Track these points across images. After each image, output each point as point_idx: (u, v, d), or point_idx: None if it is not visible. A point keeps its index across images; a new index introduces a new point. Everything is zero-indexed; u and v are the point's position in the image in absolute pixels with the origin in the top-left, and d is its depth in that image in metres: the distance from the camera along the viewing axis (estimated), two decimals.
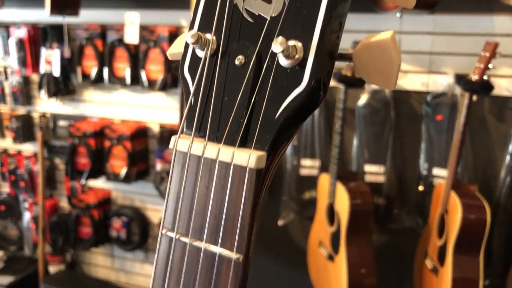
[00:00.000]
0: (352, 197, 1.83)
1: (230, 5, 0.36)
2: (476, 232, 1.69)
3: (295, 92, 0.34)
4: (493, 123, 1.95)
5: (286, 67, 0.35)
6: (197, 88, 0.37)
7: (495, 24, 1.86)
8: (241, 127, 0.35)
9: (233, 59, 0.36)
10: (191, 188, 0.36)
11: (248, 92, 0.35)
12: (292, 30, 0.34)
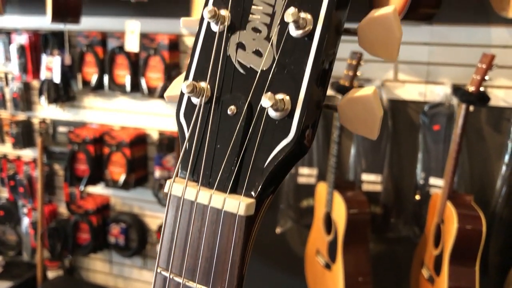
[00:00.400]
0: (349, 206, 1.85)
1: (223, 56, 0.38)
2: (472, 242, 1.70)
3: (283, 143, 0.36)
4: (490, 133, 1.96)
5: (275, 118, 0.37)
6: (191, 134, 0.39)
7: (491, 36, 1.88)
8: (232, 174, 0.37)
9: (226, 108, 0.39)
10: (184, 231, 0.38)
11: (239, 141, 0.38)
12: (281, 84, 0.37)
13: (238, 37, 0.39)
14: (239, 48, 0.39)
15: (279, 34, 0.37)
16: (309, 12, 0.36)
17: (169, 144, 2.36)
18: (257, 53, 0.38)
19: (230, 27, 0.40)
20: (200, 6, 1.84)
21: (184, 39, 2.31)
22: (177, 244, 0.38)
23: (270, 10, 0.38)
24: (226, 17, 0.40)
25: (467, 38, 1.90)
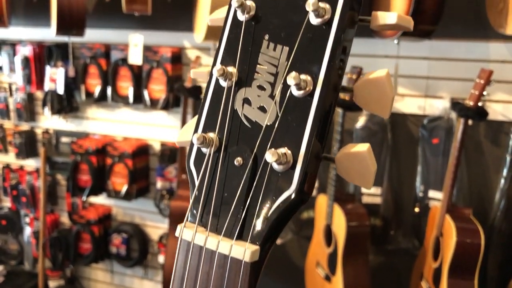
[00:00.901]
0: (349, 219, 1.86)
1: (231, 110, 0.41)
2: (470, 256, 1.71)
3: (286, 194, 0.39)
4: (488, 147, 1.98)
5: (278, 171, 0.40)
6: (201, 182, 0.41)
7: (490, 51, 1.91)
8: (239, 222, 0.40)
9: (233, 159, 0.41)
10: (193, 273, 0.40)
11: (245, 190, 0.40)
12: (284, 139, 0.40)
13: (244, 93, 0.42)
14: (245, 103, 0.41)
15: (282, 93, 0.40)
16: (309, 75, 0.40)
17: (171, 155, 2.38)
18: (261, 109, 0.41)
19: (237, 83, 0.42)
20: (202, 23, 1.87)
21: (187, 51, 2.33)
22: (187, 285, 0.40)
23: (274, 70, 0.41)
24: (234, 73, 0.42)
25: (466, 53, 1.93)
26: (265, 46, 0.42)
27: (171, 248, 2.09)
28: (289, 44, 0.41)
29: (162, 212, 2.45)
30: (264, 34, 0.42)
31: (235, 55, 0.43)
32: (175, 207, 2.09)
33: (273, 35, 0.41)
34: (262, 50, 0.42)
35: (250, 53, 0.42)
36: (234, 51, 0.43)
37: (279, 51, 0.41)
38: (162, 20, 2.28)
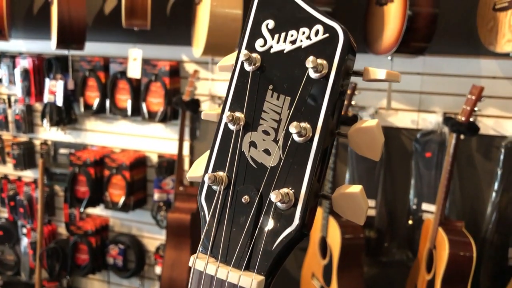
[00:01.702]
0: (344, 231, 1.89)
1: (239, 151, 0.45)
2: (463, 267, 1.74)
3: (288, 230, 0.44)
4: (480, 161, 2.03)
5: (281, 209, 0.44)
6: (211, 217, 0.45)
7: (481, 67, 1.96)
8: (246, 254, 0.44)
9: (241, 197, 0.46)
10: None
11: (252, 226, 0.45)
12: (286, 180, 0.44)
13: (251, 137, 0.46)
14: (252, 146, 0.45)
15: (284, 138, 0.44)
16: (309, 123, 0.45)
17: (168, 167, 2.41)
18: (266, 152, 0.46)
19: (244, 127, 0.47)
20: (201, 38, 1.90)
21: (185, 65, 2.37)
22: None
23: (277, 117, 0.45)
24: (241, 118, 0.47)
25: (458, 69, 1.98)
26: (269, 95, 0.46)
27: (168, 259, 2.12)
28: (290, 95, 0.46)
29: (159, 224, 2.47)
30: (268, 85, 0.47)
31: (243, 102, 0.47)
32: (173, 219, 2.12)
33: (277, 86, 0.46)
34: (266, 99, 0.46)
35: (256, 100, 0.47)
36: (241, 98, 0.48)
37: (282, 100, 0.46)
38: (160, 35, 2.32)
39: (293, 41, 0.46)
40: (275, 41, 0.47)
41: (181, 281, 2.07)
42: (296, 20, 0.46)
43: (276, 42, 0.47)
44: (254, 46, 0.48)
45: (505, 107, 1.94)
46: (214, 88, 2.30)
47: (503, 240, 1.97)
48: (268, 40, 0.47)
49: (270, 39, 0.47)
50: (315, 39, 0.45)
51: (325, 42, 0.45)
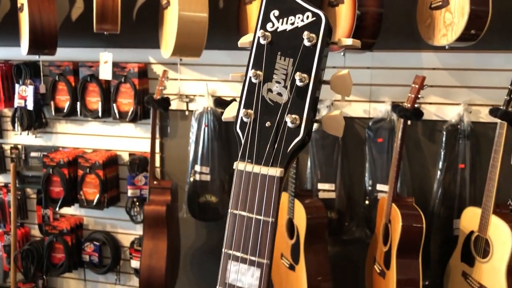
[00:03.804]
0: (308, 212, 2.08)
1: (260, 96, 0.65)
2: (415, 237, 1.97)
3: (297, 139, 0.66)
4: (426, 143, 2.27)
5: (291, 127, 0.67)
6: (246, 139, 0.65)
7: (422, 60, 2.20)
8: (270, 156, 0.66)
9: (264, 123, 0.68)
10: (246, 187, 0.66)
11: (273, 140, 0.67)
12: (294, 110, 0.66)
13: (268, 86, 0.67)
14: (269, 91, 0.66)
15: (291, 85, 0.64)
16: (306, 73, 0.66)
17: (140, 164, 2.53)
18: (279, 94, 0.66)
19: (263, 79, 0.66)
20: (169, 40, 2.04)
21: (152, 66, 2.51)
22: (242, 195, 0.65)
23: (285, 72, 0.67)
24: (260, 74, 0.68)
25: (403, 62, 2.21)
26: (279, 58, 0.68)
27: (146, 249, 2.24)
28: (293, 57, 0.67)
29: (133, 219, 2.59)
30: (277, 51, 0.68)
31: (261, 64, 0.69)
32: (149, 210, 2.24)
33: (283, 52, 0.68)
34: (277, 61, 0.68)
35: (270, 62, 0.68)
36: (259, 62, 0.69)
37: (287, 61, 0.68)
38: (127, 38, 2.44)
39: (292, 23, 0.68)
40: (280, 24, 0.69)
41: (160, 269, 2.20)
42: (293, 9, 0.68)
43: (281, 24, 0.69)
44: (266, 27, 0.69)
45: (444, 95, 2.19)
46: (183, 87, 2.45)
47: (448, 213, 2.21)
48: (275, 23, 0.69)
49: (276, 23, 0.69)
50: (306, 21, 0.67)
51: (313, 23, 0.67)
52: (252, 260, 0.66)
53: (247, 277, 0.65)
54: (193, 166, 2.44)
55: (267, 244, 0.66)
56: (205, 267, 2.66)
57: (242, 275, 0.65)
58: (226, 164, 2.46)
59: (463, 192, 2.19)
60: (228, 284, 0.67)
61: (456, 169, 2.18)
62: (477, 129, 2.16)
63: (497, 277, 1.83)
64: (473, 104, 2.16)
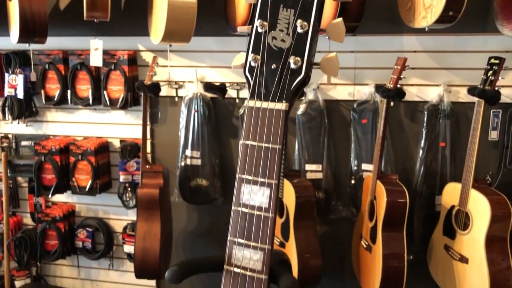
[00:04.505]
0: (297, 191, 2.16)
1: (266, 43, 0.73)
2: (399, 211, 2.06)
3: (299, 78, 0.75)
4: (408, 124, 2.36)
5: (294, 68, 0.75)
6: (254, 80, 0.74)
7: (404, 43, 2.28)
8: (276, 94, 0.75)
9: (270, 66, 0.76)
10: (256, 121, 0.75)
11: (279, 79, 0.75)
12: (296, 53, 0.74)
13: (272, 34, 0.75)
14: (273, 39, 0.75)
15: (293, 31, 0.72)
16: (306, 21, 0.75)
17: (131, 151, 2.58)
18: (282, 41, 0.74)
19: (268, 29, 0.75)
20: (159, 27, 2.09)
21: (142, 54, 2.56)
22: (252, 128, 0.75)
23: (287, 21, 0.76)
24: (266, 24, 0.77)
25: (385, 46, 2.30)
26: (281, 10, 0.77)
27: (140, 231, 2.30)
28: (294, 8, 0.75)
29: (125, 204, 2.64)
30: (280, 4, 0.77)
31: (266, 15, 0.77)
32: (142, 194, 2.30)
33: (285, 4, 0.76)
34: (280, 12, 0.77)
35: (274, 13, 0.77)
36: (265, 13, 0.78)
37: (289, 11, 0.76)
38: (117, 27, 2.48)
39: None
40: None
41: (154, 250, 2.26)
42: None
43: None
44: None
45: (425, 76, 2.28)
46: (172, 74, 2.51)
47: (431, 190, 2.31)
48: None
49: None
50: None
51: None
52: (262, 181, 0.74)
53: (259, 196, 0.73)
54: (183, 151, 2.50)
55: (275, 167, 0.74)
56: (197, 250, 2.73)
57: (254, 195, 0.73)
58: (216, 148, 2.52)
59: (444, 170, 2.29)
60: (243, 203, 0.75)
61: (437, 147, 2.28)
62: (457, 109, 2.26)
63: (477, 247, 1.93)
64: (452, 85, 2.25)
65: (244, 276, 0.72)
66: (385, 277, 2.05)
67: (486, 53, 2.04)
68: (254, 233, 0.71)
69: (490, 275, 1.88)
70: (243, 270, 0.72)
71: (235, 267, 0.73)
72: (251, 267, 0.72)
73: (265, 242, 0.72)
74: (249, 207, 0.74)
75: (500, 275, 1.91)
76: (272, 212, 0.71)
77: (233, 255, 0.73)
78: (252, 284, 0.71)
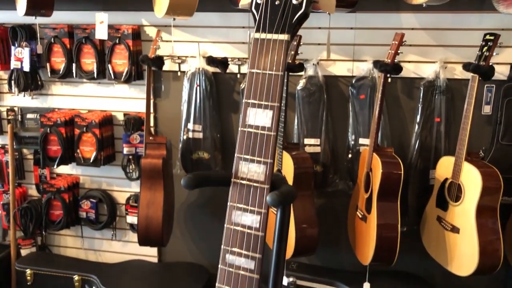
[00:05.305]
0: (296, 162, 2.23)
1: None
2: (394, 182, 2.13)
3: (299, 13, 0.81)
4: (404, 100, 2.43)
5: (295, 4, 0.82)
6: (260, 14, 0.80)
7: (402, 20, 2.34)
8: (280, 26, 0.82)
9: (274, 2, 0.83)
10: (261, 51, 0.82)
11: (282, 13, 0.82)
12: None
13: None
14: None
15: None
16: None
17: (134, 124, 2.65)
18: None
19: None
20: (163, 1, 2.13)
21: (145, 29, 2.61)
22: (258, 56, 0.81)
23: None
24: None
25: (384, 23, 2.35)
26: None
27: (144, 199, 2.37)
28: None
29: (128, 176, 2.71)
30: None
31: None
32: (146, 163, 2.37)
33: None
34: None
35: None
36: None
37: None
38: (121, 1, 2.53)
39: None
40: None
41: (157, 218, 2.34)
42: None
43: None
44: None
45: (422, 53, 2.34)
46: (175, 49, 2.56)
47: (425, 164, 2.38)
48: None
49: None
50: None
51: None
52: (266, 104, 0.82)
53: (262, 118, 0.80)
54: (186, 125, 2.56)
55: (277, 92, 0.82)
56: (199, 221, 2.81)
57: (259, 117, 0.80)
58: (218, 122, 2.59)
59: (438, 145, 2.36)
60: (248, 125, 0.83)
61: (432, 122, 2.34)
62: (452, 85, 2.32)
63: (468, 217, 2.01)
64: (448, 62, 2.31)
65: (249, 186, 0.80)
66: (379, 245, 2.13)
67: (482, 31, 2.09)
68: (258, 149, 0.79)
69: (480, 244, 1.96)
70: (248, 182, 0.80)
71: (241, 180, 0.81)
72: (255, 178, 0.80)
73: (267, 156, 0.80)
74: (254, 127, 0.82)
75: (489, 244, 1.99)
76: (274, 131, 0.79)
77: (239, 169, 0.81)
78: (256, 192, 0.79)
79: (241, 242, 0.83)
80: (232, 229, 0.84)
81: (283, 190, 0.77)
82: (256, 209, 0.81)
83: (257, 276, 0.81)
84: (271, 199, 0.76)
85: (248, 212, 0.81)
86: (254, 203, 0.81)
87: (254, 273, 0.82)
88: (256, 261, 0.81)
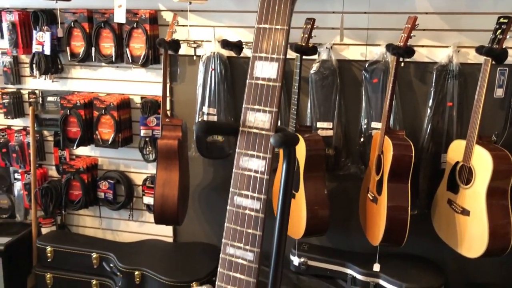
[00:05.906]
0: (308, 144, 2.27)
1: None
2: (404, 164, 2.16)
3: None
4: (417, 84, 2.44)
5: None
6: None
7: (416, 5, 2.35)
8: None
9: None
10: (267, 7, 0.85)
11: None
12: None
13: None
14: None
15: None
16: None
17: (151, 107, 2.71)
18: None
19: None
20: None
21: (162, 13, 2.66)
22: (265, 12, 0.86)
23: None
24: None
25: (397, 7, 2.36)
26: None
27: (160, 179, 2.44)
28: None
29: (145, 157, 2.79)
30: None
31: None
32: (163, 144, 2.43)
33: None
34: None
35: None
36: None
37: None
38: None
39: None
40: None
41: (172, 197, 2.41)
42: None
43: None
44: None
45: (435, 38, 2.35)
46: (191, 33, 2.61)
47: (437, 148, 2.40)
48: None
49: None
50: None
51: None
52: (272, 57, 0.86)
53: (268, 70, 0.85)
54: (201, 108, 2.61)
55: (283, 46, 0.85)
56: (213, 202, 2.87)
57: (265, 69, 0.85)
58: (232, 106, 2.64)
59: (450, 129, 2.37)
60: (255, 77, 0.87)
61: (444, 106, 2.36)
62: (465, 70, 2.33)
63: (478, 200, 2.03)
64: (462, 46, 2.32)
65: (255, 134, 0.86)
66: (389, 226, 2.17)
67: (496, 15, 2.09)
68: (264, 99, 0.85)
69: (490, 226, 1.98)
70: (255, 130, 0.86)
71: (248, 128, 0.86)
72: (261, 126, 0.86)
73: (273, 105, 0.85)
74: (260, 79, 0.86)
75: (499, 226, 2.01)
76: (279, 81, 0.84)
77: (247, 119, 0.87)
78: (262, 139, 0.85)
79: (248, 184, 0.89)
80: (240, 173, 0.90)
81: (285, 133, 0.83)
82: (262, 154, 0.87)
83: (262, 215, 0.88)
84: (274, 140, 0.83)
85: (255, 157, 0.87)
86: (260, 149, 0.86)
87: (259, 213, 0.88)
88: (261, 202, 0.88)
